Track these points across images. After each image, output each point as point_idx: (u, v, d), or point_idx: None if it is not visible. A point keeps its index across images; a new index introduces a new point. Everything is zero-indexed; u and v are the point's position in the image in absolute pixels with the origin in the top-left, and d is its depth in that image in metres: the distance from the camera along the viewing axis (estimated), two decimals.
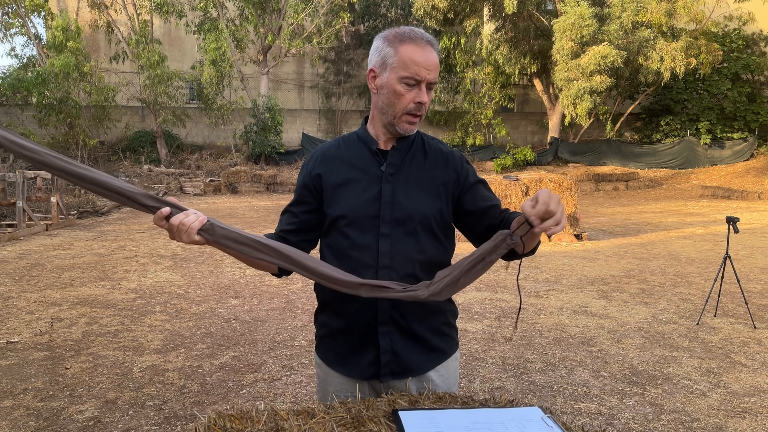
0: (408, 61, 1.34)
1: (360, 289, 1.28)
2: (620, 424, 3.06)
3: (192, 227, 1.23)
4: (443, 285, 1.25)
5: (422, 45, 1.36)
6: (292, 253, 1.29)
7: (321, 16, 21.53)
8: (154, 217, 1.24)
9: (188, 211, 1.25)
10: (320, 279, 1.30)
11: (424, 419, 1.14)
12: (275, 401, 3.35)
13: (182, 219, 1.23)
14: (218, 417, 1.11)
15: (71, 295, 5.82)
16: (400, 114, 1.39)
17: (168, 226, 1.24)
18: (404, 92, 1.36)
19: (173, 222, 1.23)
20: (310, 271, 1.29)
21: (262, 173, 19.42)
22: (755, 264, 7.50)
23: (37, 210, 11.80)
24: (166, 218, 1.23)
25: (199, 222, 1.23)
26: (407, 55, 1.35)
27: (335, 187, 1.45)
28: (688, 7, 19.01)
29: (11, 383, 3.61)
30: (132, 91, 21.12)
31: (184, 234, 1.23)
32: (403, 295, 1.27)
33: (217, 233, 1.25)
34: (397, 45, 1.36)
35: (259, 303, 5.53)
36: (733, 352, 4.20)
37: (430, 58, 1.36)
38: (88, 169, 1.19)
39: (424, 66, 1.35)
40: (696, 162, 22.28)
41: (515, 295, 5.87)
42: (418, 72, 1.35)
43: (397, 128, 1.41)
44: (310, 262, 1.29)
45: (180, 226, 1.22)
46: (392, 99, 1.38)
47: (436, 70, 1.37)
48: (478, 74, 23.18)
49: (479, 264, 1.24)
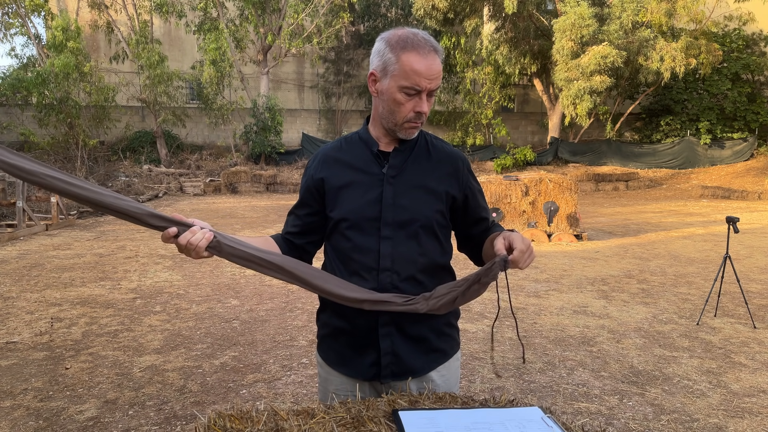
0: (409, 71, 1.31)
1: (363, 304, 1.32)
2: (620, 424, 3.06)
3: (200, 246, 1.24)
4: (442, 303, 1.30)
5: (424, 53, 1.32)
6: (297, 270, 1.31)
7: (321, 16, 21.53)
8: (162, 237, 1.25)
9: (194, 227, 1.25)
10: (324, 294, 1.34)
11: (424, 419, 1.14)
12: (275, 401, 3.35)
13: (189, 238, 1.23)
14: (218, 417, 1.11)
15: (71, 295, 5.82)
16: (400, 122, 1.39)
17: (176, 243, 1.25)
18: (404, 101, 1.35)
19: (181, 242, 1.24)
20: (314, 287, 1.32)
21: (262, 173, 19.42)
22: (755, 264, 7.50)
23: (37, 210, 11.80)
24: (175, 236, 1.24)
25: (206, 240, 1.25)
26: (409, 64, 1.31)
27: (337, 190, 1.45)
28: (688, 7, 19.00)
29: (11, 383, 3.61)
30: (132, 91, 21.12)
31: (193, 252, 1.25)
32: (403, 308, 1.32)
33: (224, 251, 1.27)
34: (399, 52, 1.33)
35: (259, 303, 5.53)
36: (733, 352, 4.20)
37: (433, 66, 1.32)
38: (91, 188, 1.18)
39: (425, 76, 1.32)
40: (696, 162, 22.28)
41: (515, 295, 5.87)
42: (419, 83, 1.32)
43: (399, 134, 1.42)
44: (315, 279, 1.32)
45: (188, 246, 1.24)
46: (392, 107, 1.37)
47: (438, 78, 1.34)
48: (478, 74, 23.18)
49: (475, 285, 1.27)
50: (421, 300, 1.31)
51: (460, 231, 1.55)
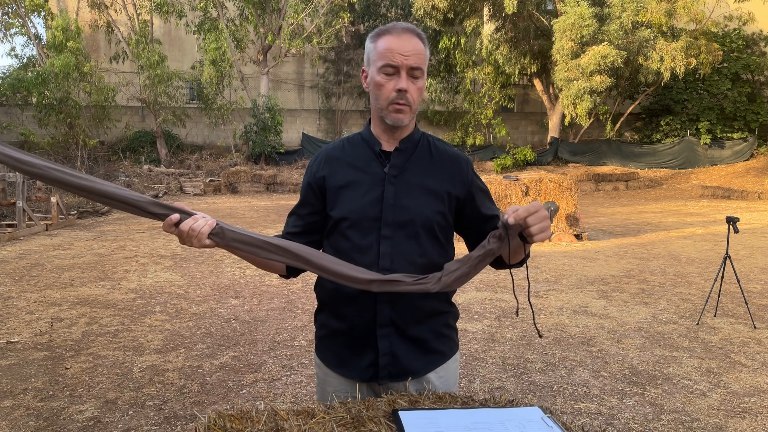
0: (383, 50, 1.36)
1: (371, 285, 1.29)
2: (620, 424, 3.06)
3: (202, 232, 1.22)
4: (453, 278, 1.28)
5: (398, 33, 1.36)
6: (302, 252, 1.29)
7: (321, 16, 21.53)
8: (164, 224, 1.23)
9: (197, 215, 1.24)
10: (331, 276, 1.31)
11: (424, 419, 1.14)
12: (275, 401, 3.35)
13: (192, 224, 1.22)
14: (218, 417, 1.11)
15: (71, 295, 5.82)
16: (385, 105, 1.39)
17: (178, 233, 1.23)
18: (384, 82, 1.37)
19: (183, 228, 1.22)
20: (320, 268, 1.30)
21: (262, 173, 19.43)
22: (755, 264, 7.50)
23: (37, 210, 11.80)
24: (176, 224, 1.23)
25: (209, 226, 1.23)
26: (383, 45, 1.36)
27: (338, 189, 1.45)
28: (688, 7, 19.01)
29: (11, 383, 3.61)
30: (132, 91, 21.12)
31: (195, 239, 1.23)
32: (414, 288, 1.29)
33: (227, 237, 1.25)
34: (376, 39, 1.39)
35: (259, 303, 5.53)
36: (733, 352, 4.20)
37: (407, 44, 1.35)
38: (91, 179, 1.17)
39: (398, 51, 1.34)
40: (696, 162, 22.28)
41: (513, 297, 5.87)
42: (393, 58, 1.34)
43: (386, 120, 1.40)
44: (321, 260, 1.30)
45: (190, 232, 1.22)
46: (376, 91, 1.39)
47: (415, 55, 1.35)
48: (478, 74, 23.18)
49: (488, 257, 1.28)
50: (432, 281, 1.28)
51: (474, 232, 1.50)
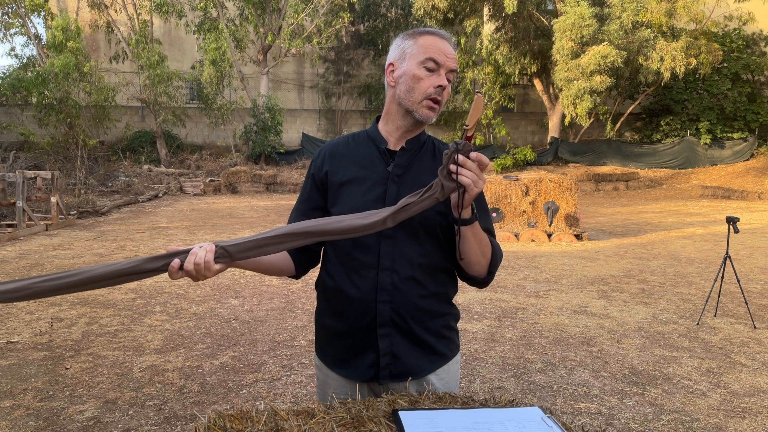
0: (428, 45, 1.38)
1: (386, 223, 1.27)
2: (620, 424, 3.06)
3: (207, 261, 1.21)
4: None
5: (440, 36, 1.40)
6: (310, 227, 1.27)
7: (321, 16, 21.54)
8: (169, 274, 1.22)
9: (193, 248, 1.22)
10: (347, 234, 1.28)
11: (424, 419, 1.14)
12: (275, 401, 3.35)
13: (194, 260, 1.21)
14: (218, 417, 1.10)
15: (71, 295, 5.82)
16: (420, 99, 1.38)
17: (186, 274, 1.22)
18: (424, 76, 1.37)
19: (187, 267, 1.21)
20: (333, 232, 1.27)
21: (262, 173, 19.43)
22: (755, 264, 7.50)
23: (37, 210, 11.79)
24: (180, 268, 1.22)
25: (210, 253, 1.22)
26: (427, 42, 1.38)
27: (340, 185, 1.44)
28: (688, 7, 19.01)
29: (11, 383, 3.61)
30: (132, 91, 21.13)
31: (205, 271, 1.21)
32: (426, 203, 1.25)
33: (233, 253, 1.23)
34: (416, 37, 1.41)
35: (259, 303, 5.53)
36: (733, 352, 4.20)
37: (448, 47, 1.39)
38: (83, 272, 1.16)
39: (444, 52, 1.37)
40: (696, 162, 22.28)
41: (515, 295, 5.87)
42: (438, 56, 1.37)
43: (416, 115, 1.40)
44: (330, 225, 1.27)
45: (196, 267, 1.21)
46: (412, 84, 1.38)
47: (454, 60, 1.40)
48: (478, 74, 23.18)
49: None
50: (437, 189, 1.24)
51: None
